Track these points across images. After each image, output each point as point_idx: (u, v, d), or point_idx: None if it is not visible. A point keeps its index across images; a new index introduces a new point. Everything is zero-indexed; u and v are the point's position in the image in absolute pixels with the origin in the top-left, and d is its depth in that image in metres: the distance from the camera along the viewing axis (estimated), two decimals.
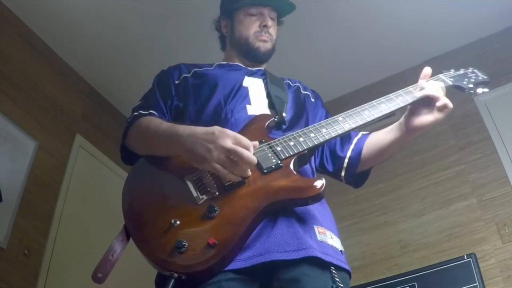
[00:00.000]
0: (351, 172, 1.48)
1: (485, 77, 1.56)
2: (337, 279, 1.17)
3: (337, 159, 1.50)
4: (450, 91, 1.47)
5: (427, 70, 1.44)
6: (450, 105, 1.34)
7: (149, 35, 3.26)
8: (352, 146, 1.49)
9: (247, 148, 1.16)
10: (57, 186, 2.97)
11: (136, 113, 1.44)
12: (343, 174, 1.49)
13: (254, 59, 1.64)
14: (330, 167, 1.51)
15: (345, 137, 1.51)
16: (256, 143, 1.24)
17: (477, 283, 2.56)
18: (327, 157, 1.52)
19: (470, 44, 3.52)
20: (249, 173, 1.19)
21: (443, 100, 1.34)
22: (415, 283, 2.73)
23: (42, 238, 2.74)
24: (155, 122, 1.37)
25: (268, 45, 1.64)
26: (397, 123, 1.43)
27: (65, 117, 3.20)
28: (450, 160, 3.24)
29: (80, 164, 3.18)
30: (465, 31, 3.44)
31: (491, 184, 3.02)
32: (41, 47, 3.17)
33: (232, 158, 1.15)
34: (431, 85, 1.38)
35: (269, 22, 1.65)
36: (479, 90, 1.54)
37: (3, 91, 2.76)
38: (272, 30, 1.66)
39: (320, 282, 1.15)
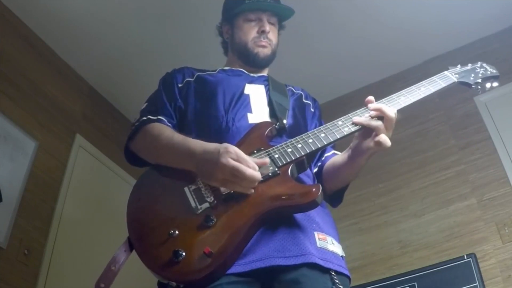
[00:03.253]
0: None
1: (494, 71, 1.52)
2: (337, 281, 1.17)
3: (313, 174, 1.49)
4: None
5: (370, 98, 1.37)
6: (386, 144, 1.26)
7: (149, 35, 3.26)
8: (319, 163, 1.50)
9: (251, 167, 1.18)
10: (57, 186, 2.97)
11: (145, 118, 1.44)
12: None
13: (253, 64, 1.63)
14: None
15: (320, 153, 1.51)
16: (266, 160, 1.24)
17: (477, 283, 2.56)
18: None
19: (470, 44, 3.52)
20: (255, 185, 1.19)
21: (380, 137, 1.26)
22: (415, 283, 2.74)
23: (42, 238, 2.74)
24: (166, 133, 1.37)
25: (267, 51, 1.62)
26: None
27: (65, 117, 3.20)
28: (450, 160, 3.24)
29: (80, 164, 3.18)
30: (465, 31, 3.44)
31: (491, 184, 3.02)
32: (41, 47, 3.17)
33: (235, 175, 1.16)
34: (380, 107, 1.30)
35: (267, 27, 1.63)
36: (488, 85, 1.49)
37: (3, 91, 2.76)
38: (272, 35, 1.65)
39: (320, 283, 1.16)
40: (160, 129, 1.39)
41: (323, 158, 1.51)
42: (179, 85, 1.54)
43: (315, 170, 1.49)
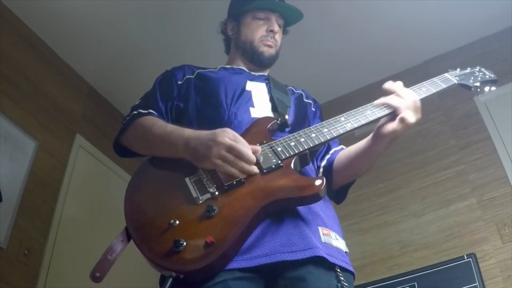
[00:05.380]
0: (327, 183, 1.44)
1: (492, 75, 1.56)
2: (342, 278, 1.17)
3: (316, 169, 1.50)
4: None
5: (398, 83, 1.40)
6: (410, 119, 1.28)
7: (149, 35, 3.26)
8: (327, 156, 1.50)
9: (246, 147, 1.19)
10: (57, 186, 2.97)
11: (135, 112, 1.45)
12: None
13: (257, 63, 1.64)
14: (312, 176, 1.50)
15: (329, 147, 1.52)
16: (258, 147, 1.25)
17: (477, 283, 2.56)
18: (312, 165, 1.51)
19: (470, 44, 3.52)
20: (251, 168, 1.20)
21: (404, 113, 1.29)
22: (415, 283, 2.73)
23: (42, 238, 2.74)
24: (159, 123, 1.38)
25: (272, 51, 1.64)
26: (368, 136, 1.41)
27: (65, 117, 3.21)
28: (450, 160, 3.24)
29: (80, 164, 3.18)
30: (465, 31, 3.44)
31: (491, 184, 3.02)
32: (41, 47, 3.17)
33: (231, 153, 1.17)
34: (400, 91, 1.35)
35: (276, 28, 1.65)
36: (486, 89, 1.53)
37: (3, 91, 2.76)
38: (278, 37, 1.67)
39: (325, 281, 1.16)
40: (152, 120, 1.40)
41: (332, 151, 1.51)
42: (179, 83, 1.54)
43: (323, 163, 1.49)
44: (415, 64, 3.58)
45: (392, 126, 1.30)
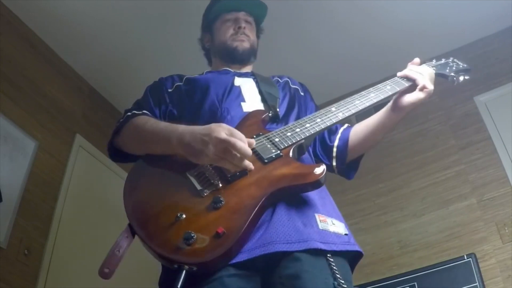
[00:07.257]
0: (342, 161, 1.55)
1: (465, 65, 1.68)
2: (338, 276, 1.17)
3: (327, 149, 1.57)
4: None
5: (416, 60, 1.59)
6: (430, 86, 1.44)
7: (149, 35, 3.26)
8: (338, 136, 1.57)
9: (241, 140, 1.20)
10: (57, 186, 2.97)
11: (129, 113, 1.46)
12: (334, 163, 1.56)
13: (235, 59, 1.69)
14: (324, 159, 1.57)
15: (332, 129, 1.58)
16: (252, 140, 1.27)
17: (477, 283, 2.56)
18: (319, 149, 1.58)
19: (470, 44, 3.53)
20: (248, 164, 1.21)
21: (422, 81, 1.44)
22: (415, 283, 2.74)
23: (42, 238, 2.74)
24: (152, 120, 1.40)
25: (245, 44, 1.70)
26: (384, 107, 1.52)
27: (65, 117, 3.21)
28: (450, 160, 3.24)
29: (80, 164, 3.18)
30: (465, 31, 3.45)
31: (491, 184, 3.03)
32: (41, 47, 3.17)
33: (227, 148, 1.18)
34: (415, 68, 1.51)
35: (243, 24, 1.71)
36: (461, 78, 1.65)
37: (3, 91, 2.76)
38: (249, 32, 1.73)
39: (320, 279, 1.15)
40: (146, 118, 1.42)
41: (341, 131, 1.58)
42: (169, 90, 1.57)
43: (336, 143, 1.56)
44: None
45: (415, 94, 1.44)
